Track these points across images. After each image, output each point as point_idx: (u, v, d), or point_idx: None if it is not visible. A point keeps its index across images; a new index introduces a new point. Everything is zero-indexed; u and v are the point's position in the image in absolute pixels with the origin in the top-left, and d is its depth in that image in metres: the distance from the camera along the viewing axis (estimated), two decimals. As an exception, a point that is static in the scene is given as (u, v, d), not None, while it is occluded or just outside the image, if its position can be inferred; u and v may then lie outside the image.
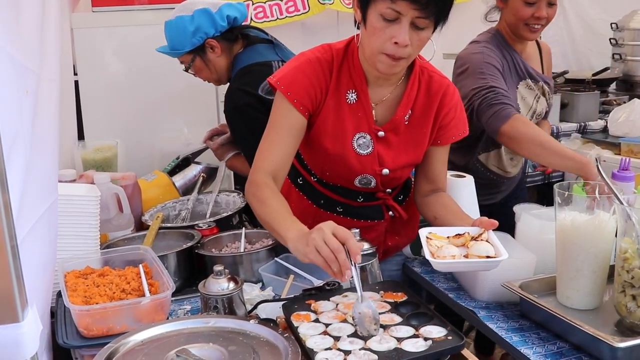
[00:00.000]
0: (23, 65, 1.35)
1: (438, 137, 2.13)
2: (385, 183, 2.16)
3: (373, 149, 2.06)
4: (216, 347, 1.47)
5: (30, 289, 1.30)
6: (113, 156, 3.08)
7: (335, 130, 2.03)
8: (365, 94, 2.02)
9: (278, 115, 2.00)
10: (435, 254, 1.76)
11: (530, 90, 2.76)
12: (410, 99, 2.05)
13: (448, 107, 2.09)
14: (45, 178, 1.61)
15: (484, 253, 1.74)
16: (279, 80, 1.99)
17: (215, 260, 2.14)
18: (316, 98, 1.99)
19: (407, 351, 1.45)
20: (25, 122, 1.31)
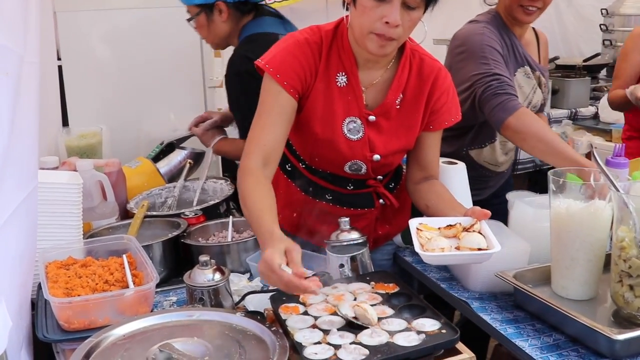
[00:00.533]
0: (3, 46, 1.29)
1: (430, 122, 2.08)
2: (376, 169, 2.11)
3: (364, 134, 2.01)
4: (201, 342, 1.42)
5: (3, 282, 1.25)
6: (97, 143, 3.02)
7: (324, 114, 1.98)
8: (355, 76, 1.97)
9: (268, 99, 1.94)
10: (425, 246, 1.71)
11: (528, 79, 2.64)
12: (401, 82, 2.01)
13: (440, 91, 2.04)
14: (24, 164, 1.55)
15: (476, 245, 1.69)
16: (267, 63, 1.94)
17: (202, 249, 2.09)
18: (306, 80, 1.95)
19: (400, 345, 1.41)
20: (2, 104, 1.26)
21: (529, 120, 2.30)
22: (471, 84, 2.43)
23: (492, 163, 2.74)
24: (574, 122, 4.64)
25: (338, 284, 1.73)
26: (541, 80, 2.70)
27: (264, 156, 1.89)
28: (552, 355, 1.62)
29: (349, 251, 1.83)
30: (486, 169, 2.76)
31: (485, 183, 2.79)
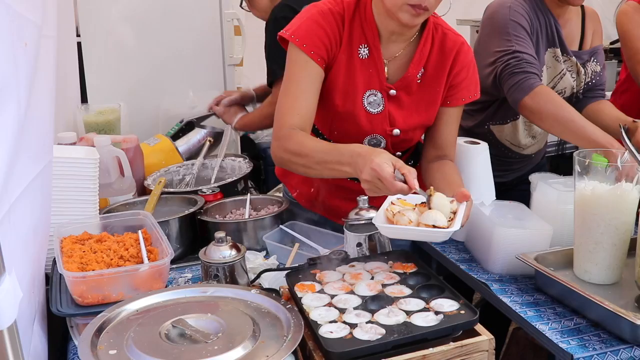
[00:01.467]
0: (22, 16, 1.27)
1: (448, 97, 2.04)
2: (396, 145, 2.07)
3: (384, 108, 1.99)
4: (214, 318, 1.40)
5: (16, 253, 1.23)
6: (116, 119, 3.00)
7: (345, 87, 1.96)
8: (377, 49, 1.95)
9: (296, 69, 1.93)
10: (390, 219, 1.66)
11: (557, 62, 2.51)
12: (423, 56, 1.98)
13: (460, 66, 2.01)
14: (40, 137, 1.53)
15: (432, 222, 1.61)
16: (293, 34, 1.92)
17: (219, 226, 2.07)
18: (332, 49, 1.93)
19: (417, 325, 1.38)
20: (20, 75, 1.23)
21: (544, 100, 2.23)
22: (494, 60, 2.36)
23: (515, 143, 2.65)
24: (599, 105, 4.56)
25: (355, 262, 1.70)
26: (578, 67, 2.54)
27: (300, 123, 1.89)
28: (572, 340, 1.59)
29: (366, 230, 1.80)
30: (509, 150, 2.67)
31: (508, 165, 2.71)
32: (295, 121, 1.89)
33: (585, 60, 2.55)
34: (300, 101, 1.92)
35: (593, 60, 2.57)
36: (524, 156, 2.72)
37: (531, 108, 2.26)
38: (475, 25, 4.47)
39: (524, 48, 2.33)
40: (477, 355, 1.38)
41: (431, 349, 1.35)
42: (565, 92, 2.54)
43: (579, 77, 2.54)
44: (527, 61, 2.30)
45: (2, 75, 1.11)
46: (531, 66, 2.30)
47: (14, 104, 1.18)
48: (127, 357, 1.27)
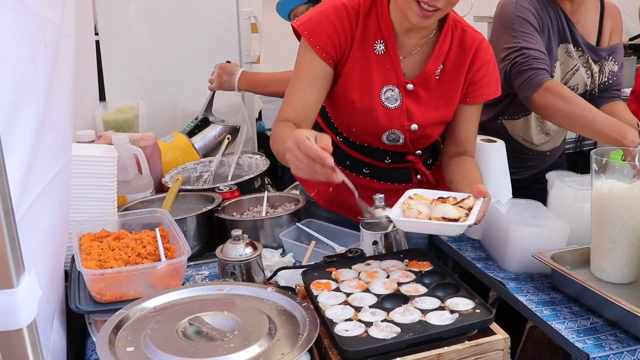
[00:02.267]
0: (41, 16, 1.29)
1: (467, 94, 2.04)
2: (414, 140, 2.08)
3: (401, 103, 1.99)
4: (231, 316, 1.41)
5: (35, 251, 1.25)
6: (134, 117, 3.03)
7: (362, 82, 1.96)
8: (393, 45, 1.95)
9: (302, 64, 1.95)
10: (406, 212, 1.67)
11: (569, 58, 2.49)
12: (442, 52, 1.98)
13: (480, 63, 2.01)
14: (59, 136, 1.55)
15: (440, 214, 1.63)
16: (302, 25, 1.93)
17: (236, 224, 2.08)
18: (340, 46, 1.93)
19: (432, 324, 1.38)
20: (39, 75, 1.25)
21: (552, 96, 2.22)
22: (503, 57, 2.35)
23: (527, 139, 2.63)
24: (618, 102, 4.53)
25: (371, 261, 1.70)
26: (590, 62, 2.50)
27: (295, 118, 1.90)
28: (589, 339, 1.59)
29: (382, 228, 1.80)
30: (522, 146, 2.65)
31: (523, 162, 2.69)
32: (290, 116, 1.92)
33: (602, 57, 2.52)
34: (299, 97, 1.94)
35: (611, 59, 2.53)
36: (538, 153, 2.70)
37: (540, 105, 2.26)
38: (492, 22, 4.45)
39: (531, 43, 2.32)
40: (492, 354, 1.38)
41: (446, 347, 1.34)
42: (578, 89, 2.51)
43: (593, 74, 2.51)
44: (534, 57, 2.29)
45: (22, 75, 1.13)
46: (538, 62, 2.28)
47: (34, 104, 1.20)
48: (145, 354, 1.29)
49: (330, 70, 1.95)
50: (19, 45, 1.11)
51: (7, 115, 1.02)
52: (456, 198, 1.72)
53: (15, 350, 0.95)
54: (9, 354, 0.94)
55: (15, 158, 1.06)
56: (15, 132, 1.07)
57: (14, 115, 1.06)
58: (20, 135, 1.10)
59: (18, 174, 1.07)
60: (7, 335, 0.93)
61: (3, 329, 0.92)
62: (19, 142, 1.09)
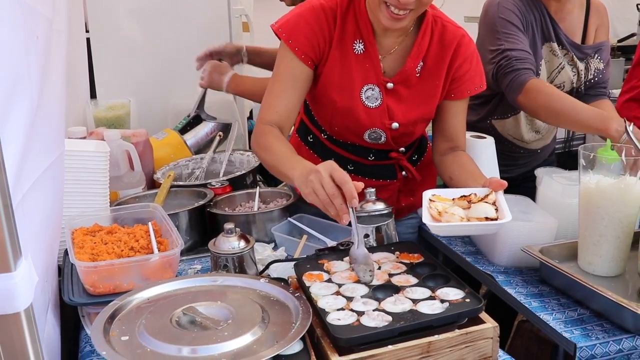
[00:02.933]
0: (33, 8, 1.30)
1: (452, 91, 2.04)
2: (396, 138, 2.09)
3: (382, 102, 2.00)
4: (224, 306, 1.43)
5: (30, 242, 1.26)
6: (126, 114, 3.03)
7: (342, 82, 1.98)
8: (372, 44, 1.96)
9: (281, 66, 1.97)
10: (435, 217, 1.67)
11: (554, 56, 2.50)
12: (421, 49, 1.98)
13: (462, 58, 2.00)
14: (52, 130, 1.56)
15: (483, 215, 1.64)
16: (280, 27, 1.95)
17: (228, 219, 2.10)
18: (319, 47, 1.94)
19: (423, 313, 1.40)
20: (32, 68, 1.26)
21: (536, 94, 2.25)
22: (489, 59, 2.37)
23: (517, 138, 2.65)
24: (605, 103, 4.57)
25: (362, 253, 1.72)
26: (575, 61, 2.51)
27: (277, 121, 1.93)
28: (576, 329, 1.61)
29: (374, 222, 1.82)
30: (513, 144, 2.67)
31: (513, 160, 2.71)
32: (273, 118, 1.94)
33: (588, 55, 2.54)
34: (280, 99, 1.95)
35: (597, 57, 2.55)
36: (529, 151, 2.71)
37: (525, 105, 2.29)
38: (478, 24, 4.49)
39: (514, 44, 2.34)
40: (482, 342, 1.40)
41: (437, 336, 1.37)
42: (565, 86, 2.53)
43: (579, 72, 2.53)
44: (517, 58, 2.30)
45: (16, 68, 1.14)
46: (522, 62, 2.30)
47: (27, 95, 1.21)
48: (139, 342, 1.30)
49: (309, 72, 1.97)
50: (12, 37, 1.12)
51: (1, 106, 1.03)
52: (477, 194, 1.74)
53: (12, 334, 0.96)
54: (7, 338, 0.95)
55: (10, 147, 1.07)
56: (10, 122, 1.08)
57: (8, 107, 1.07)
58: (14, 126, 1.11)
59: (13, 163, 1.08)
60: (4, 320, 0.95)
61: (1, 313, 0.93)
62: (13, 132, 1.10)
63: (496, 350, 1.43)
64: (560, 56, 2.49)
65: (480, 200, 1.72)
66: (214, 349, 1.27)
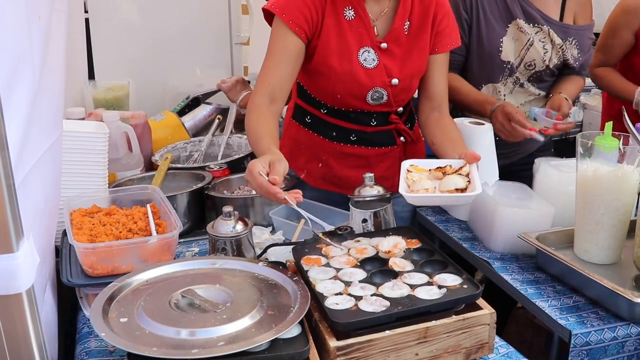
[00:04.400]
0: None
1: (435, 45, 2.16)
2: (396, 95, 2.15)
3: (379, 62, 2.08)
4: (222, 289, 1.43)
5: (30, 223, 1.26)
6: (124, 96, 3.02)
7: (339, 48, 2.05)
8: (362, 9, 2.05)
9: (275, 41, 2.02)
10: (410, 187, 1.75)
11: (521, 34, 2.44)
12: (405, 9, 2.09)
13: (442, 14, 2.14)
14: (51, 111, 1.56)
15: (453, 186, 1.72)
16: (273, 4, 2.01)
17: (226, 202, 2.10)
18: (312, 19, 2.01)
19: (421, 298, 1.40)
20: (34, 48, 1.26)
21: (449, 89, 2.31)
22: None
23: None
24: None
25: (361, 237, 1.73)
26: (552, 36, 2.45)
27: (270, 94, 1.99)
28: (571, 316, 1.62)
29: (372, 207, 1.83)
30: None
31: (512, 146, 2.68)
32: (266, 91, 1.99)
33: (568, 35, 2.49)
34: (273, 72, 2.01)
35: (574, 41, 2.51)
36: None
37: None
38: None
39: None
40: (479, 328, 1.41)
41: (434, 321, 1.38)
42: (536, 65, 2.49)
43: (555, 48, 2.48)
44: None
45: (19, 48, 1.14)
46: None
47: (29, 77, 1.21)
48: (138, 324, 1.31)
49: (302, 45, 2.02)
50: (15, 18, 1.12)
51: (5, 86, 1.03)
52: (452, 166, 1.82)
53: (14, 314, 0.96)
54: (8, 318, 0.96)
55: (13, 127, 1.07)
56: (13, 102, 1.08)
57: (11, 87, 1.08)
58: (17, 106, 1.11)
59: (15, 143, 1.08)
60: (6, 300, 0.95)
61: (3, 293, 0.94)
62: (16, 112, 1.10)
63: (493, 337, 1.44)
64: (528, 33, 2.44)
65: (454, 172, 1.80)
66: (212, 331, 1.27)
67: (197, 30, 3.32)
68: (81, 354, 1.50)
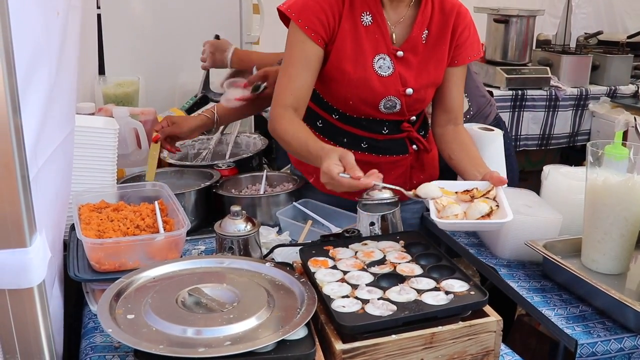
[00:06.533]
0: None
1: (455, 57, 2.14)
2: (410, 105, 2.14)
3: (394, 70, 2.07)
4: (229, 288, 1.43)
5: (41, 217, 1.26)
6: (134, 92, 3.03)
7: (354, 53, 2.04)
8: (380, 15, 2.04)
9: (293, 48, 2.02)
10: (440, 212, 1.74)
11: None
12: (425, 17, 2.07)
13: (463, 26, 2.11)
14: (64, 105, 1.56)
15: (478, 214, 1.72)
16: (289, 8, 1.99)
17: (234, 201, 2.10)
18: (329, 24, 1.99)
19: (428, 304, 1.40)
20: (52, 43, 1.27)
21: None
22: None
23: None
24: (612, 99, 4.58)
25: (368, 241, 1.72)
26: None
27: (293, 102, 1.99)
28: (577, 326, 1.62)
29: (379, 210, 1.83)
30: None
31: None
32: (289, 101, 2.00)
33: None
34: (295, 81, 2.01)
35: None
36: None
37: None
38: (492, 13, 4.48)
39: None
40: (485, 335, 1.41)
41: (440, 327, 1.37)
42: None
43: None
44: None
45: (38, 42, 1.14)
46: None
47: (46, 72, 1.21)
48: (145, 321, 1.31)
49: (320, 51, 2.02)
50: (36, 13, 1.13)
51: (22, 80, 1.03)
52: (479, 189, 1.82)
53: (25, 309, 0.97)
54: (20, 312, 0.96)
55: (29, 124, 1.07)
56: (30, 96, 1.09)
57: (28, 81, 1.08)
58: (34, 100, 1.12)
59: (31, 139, 1.09)
60: (18, 294, 0.95)
61: (15, 287, 0.94)
62: (32, 106, 1.11)
63: (499, 344, 1.44)
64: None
65: (482, 195, 1.80)
66: (219, 331, 1.27)
67: (207, 29, 3.32)
68: (86, 349, 1.50)
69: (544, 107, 4.47)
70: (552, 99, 4.47)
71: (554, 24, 5.40)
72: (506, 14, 4.43)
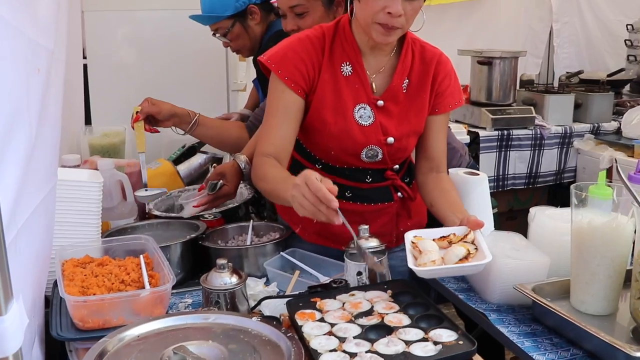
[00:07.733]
0: (36, 42, 1.31)
1: (436, 105, 2.14)
2: (392, 154, 2.14)
3: (374, 119, 2.07)
4: (215, 345, 1.41)
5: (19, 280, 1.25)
6: (120, 142, 3.03)
7: (335, 103, 2.04)
8: (360, 65, 2.04)
9: (274, 99, 2.03)
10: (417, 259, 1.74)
11: None
12: (405, 66, 2.08)
13: (443, 74, 2.12)
14: (47, 161, 1.56)
15: (455, 259, 1.72)
16: (269, 59, 2.01)
17: (220, 253, 2.08)
18: (308, 75, 2.01)
19: (416, 355, 1.39)
20: (31, 100, 1.26)
21: None
22: None
23: None
24: (596, 136, 4.64)
25: (355, 291, 1.71)
26: None
27: (274, 152, 1.99)
28: (569, 371, 1.60)
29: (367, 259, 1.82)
30: None
31: None
32: (270, 150, 2.00)
33: None
34: (275, 131, 2.02)
35: None
36: None
37: None
38: (476, 55, 4.53)
39: None
40: (475, 385, 1.40)
41: (429, 379, 1.36)
42: None
43: None
44: None
45: (15, 103, 1.14)
46: None
47: (25, 132, 1.21)
48: (129, 382, 1.29)
49: (301, 101, 2.02)
50: (14, 72, 1.13)
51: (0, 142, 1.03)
52: (457, 234, 1.82)
53: (1, 378, 0.94)
54: (-5, 383, 0.94)
55: (7, 185, 1.06)
56: (7, 158, 1.08)
57: (6, 143, 1.07)
58: (12, 161, 1.11)
59: (9, 201, 1.07)
60: (-7, 363, 0.93)
61: (-11, 357, 0.92)
62: (10, 168, 1.10)
63: (488, 393, 1.42)
64: None
65: (459, 240, 1.80)
66: (204, 390, 1.26)
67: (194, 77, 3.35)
68: (71, 410, 1.47)
69: (529, 146, 4.51)
70: (537, 138, 4.52)
71: (536, 64, 5.49)
72: (489, 55, 4.48)
